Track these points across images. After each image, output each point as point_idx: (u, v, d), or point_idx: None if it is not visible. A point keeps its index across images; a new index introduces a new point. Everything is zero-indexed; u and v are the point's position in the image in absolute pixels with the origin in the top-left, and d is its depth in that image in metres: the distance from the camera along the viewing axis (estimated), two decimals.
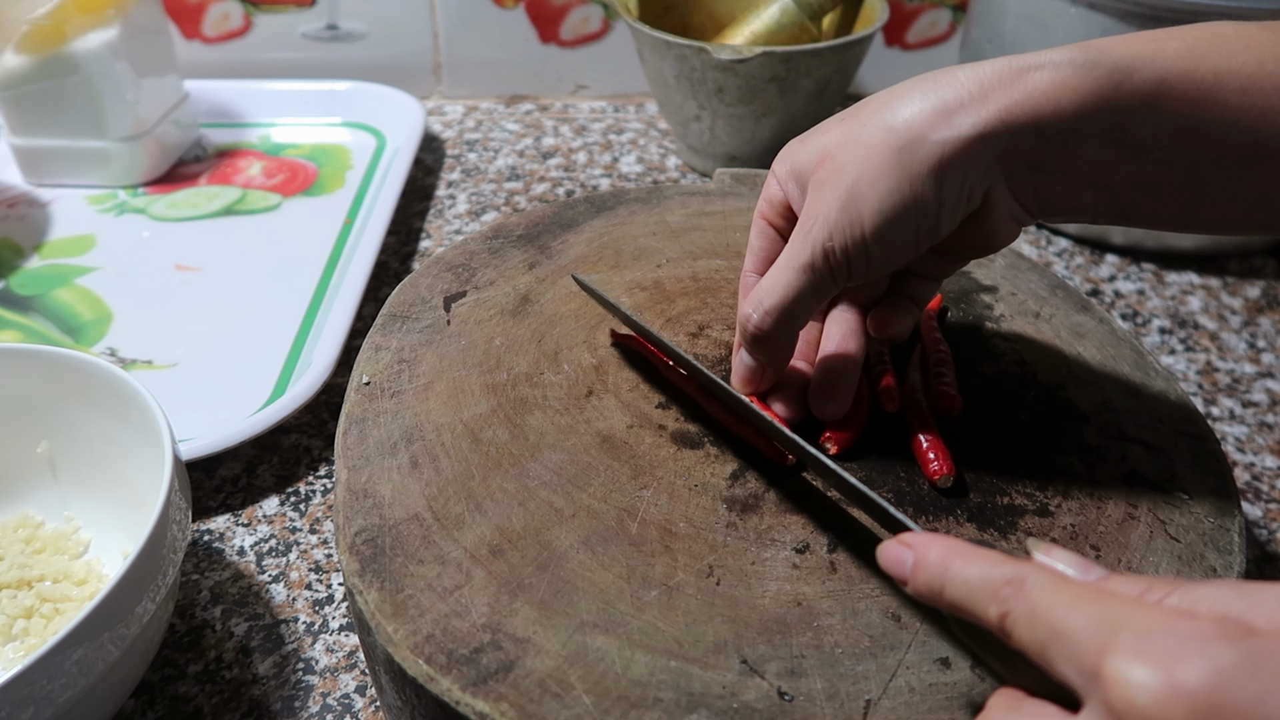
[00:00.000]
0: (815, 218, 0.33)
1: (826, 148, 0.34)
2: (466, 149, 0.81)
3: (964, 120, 0.31)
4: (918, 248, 0.34)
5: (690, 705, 0.28)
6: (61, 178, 0.72)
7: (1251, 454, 0.53)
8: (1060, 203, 0.34)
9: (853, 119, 0.34)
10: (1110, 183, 0.33)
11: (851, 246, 0.33)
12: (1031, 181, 0.33)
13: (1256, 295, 0.66)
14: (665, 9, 0.78)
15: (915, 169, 0.32)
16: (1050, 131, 0.31)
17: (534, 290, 0.46)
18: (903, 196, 0.32)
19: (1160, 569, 0.33)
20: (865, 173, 0.32)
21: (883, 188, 0.32)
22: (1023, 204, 0.34)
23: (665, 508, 0.35)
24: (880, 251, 0.33)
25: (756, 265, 0.39)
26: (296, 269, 0.64)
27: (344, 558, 0.33)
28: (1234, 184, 0.32)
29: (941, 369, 0.40)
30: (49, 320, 0.60)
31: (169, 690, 0.40)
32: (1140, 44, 0.31)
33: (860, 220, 0.33)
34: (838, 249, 0.33)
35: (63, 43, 0.67)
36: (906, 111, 0.32)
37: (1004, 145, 0.32)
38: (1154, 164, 0.32)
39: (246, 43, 0.87)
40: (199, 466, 0.50)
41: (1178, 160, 0.32)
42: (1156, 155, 0.32)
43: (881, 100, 0.33)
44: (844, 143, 0.33)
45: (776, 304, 0.35)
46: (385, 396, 0.39)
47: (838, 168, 0.33)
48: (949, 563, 0.26)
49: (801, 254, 0.34)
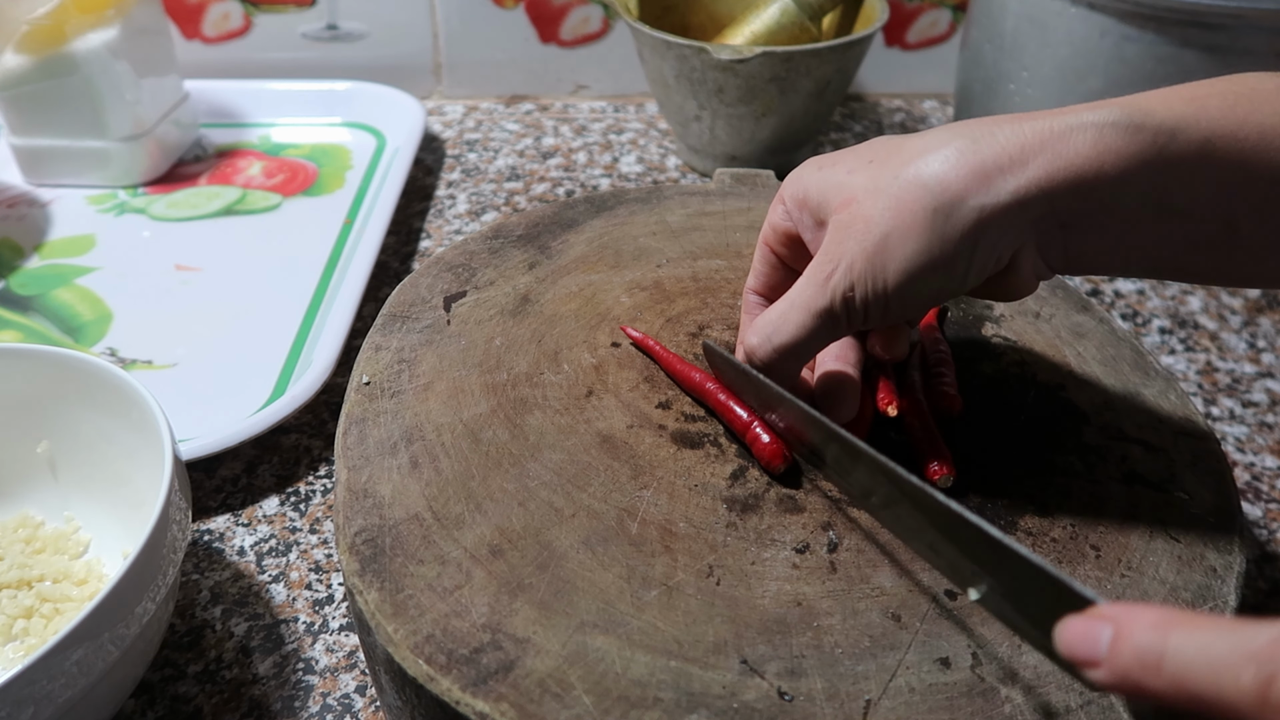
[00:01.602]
0: (837, 263, 0.33)
1: (851, 190, 0.33)
2: (466, 149, 0.81)
3: (1004, 186, 0.31)
4: (937, 302, 0.34)
5: (690, 705, 0.28)
6: (61, 178, 0.72)
7: (1251, 454, 0.53)
8: (1089, 260, 0.33)
9: (881, 164, 0.33)
10: (1144, 242, 0.32)
11: (873, 299, 0.33)
12: (1063, 241, 0.32)
13: (1256, 295, 0.66)
14: (665, 9, 0.78)
15: (949, 232, 0.31)
16: (1090, 194, 0.30)
17: (534, 290, 0.46)
18: (933, 258, 0.32)
19: (1160, 569, 0.33)
20: (896, 228, 0.32)
21: (913, 247, 0.31)
22: (1049, 262, 0.33)
23: (665, 508, 0.35)
24: (900, 306, 0.33)
25: (760, 286, 0.39)
26: (296, 269, 0.64)
27: (344, 558, 0.33)
28: (1271, 235, 0.31)
29: (941, 369, 0.40)
30: (49, 320, 0.60)
31: (169, 690, 0.40)
32: (1182, 103, 0.30)
33: (886, 275, 0.32)
34: (858, 300, 0.33)
35: (63, 43, 0.67)
36: (942, 169, 0.31)
37: (1042, 210, 0.31)
38: (1193, 221, 0.31)
39: (246, 43, 0.87)
40: (199, 466, 0.50)
41: (1216, 216, 0.31)
42: (1196, 213, 0.31)
43: (914, 150, 0.32)
44: (872, 190, 0.32)
45: (786, 343, 0.35)
46: (385, 396, 0.39)
47: (865, 217, 0.32)
48: (1169, 630, 0.21)
49: (819, 299, 0.33)
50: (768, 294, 0.39)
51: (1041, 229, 0.32)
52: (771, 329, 0.35)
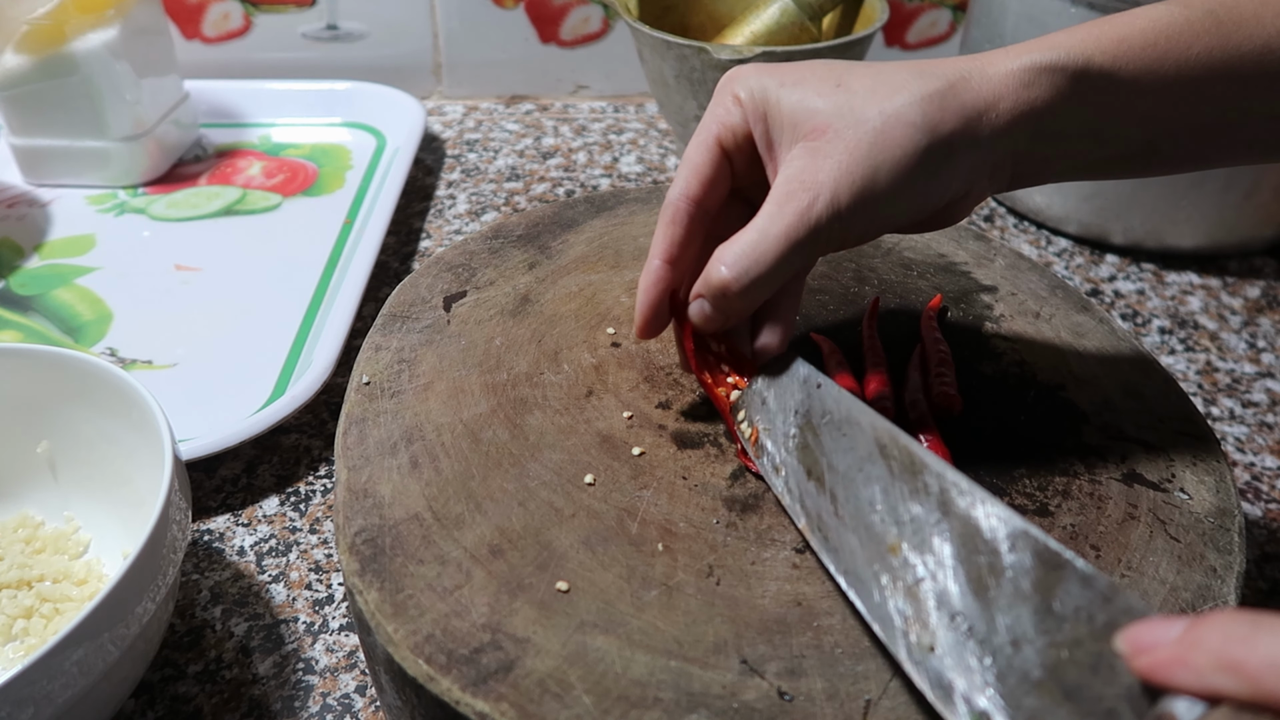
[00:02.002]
0: (816, 193, 0.33)
1: (824, 116, 0.33)
2: (466, 149, 0.81)
3: (983, 128, 0.33)
4: (907, 224, 0.35)
5: (690, 705, 0.28)
6: (61, 178, 0.72)
7: (1251, 454, 0.53)
8: (1025, 182, 0.36)
9: (851, 93, 0.33)
10: (1076, 163, 0.35)
11: (855, 229, 0.33)
12: (1011, 171, 0.35)
13: (1256, 295, 0.66)
14: (665, 9, 0.78)
15: (937, 170, 0.33)
16: (1044, 133, 0.33)
17: (534, 290, 0.46)
18: (917, 192, 0.33)
19: (1160, 569, 0.33)
20: (885, 163, 0.32)
21: (902, 182, 0.32)
22: (994, 188, 0.36)
23: (665, 508, 0.35)
24: (874, 235, 0.35)
25: (700, 191, 0.36)
26: (296, 269, 0.64)
27: (344, 558, 0.33)
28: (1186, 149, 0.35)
29: (941, 369, 0.40)
30: (49, 320, 0.60)
31: (169, 690, 0.40)
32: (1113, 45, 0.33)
33: (874, 207, 0.33)
34: (840, 229, 0.33)
35: (63, 43, 0.67)
36: (929, 110, 0.32)
37: (1008, 148, 0.34)
38: (1120, 144, 0.35)
39: (246, 43, 0.87)
40: (199, 466, 0.50)
41: (1141, 139, 0.35)
42: (1124, 139, 0.35)
43: (890, 85, 0.33)
44: (851, 121, 0.33)
45: (762, 274, 0.33)
46: (385, 396, 0.39)
47: (848, 148, 0.32)
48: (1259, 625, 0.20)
49: (798, 229, 0.33)
50: (705, 201, 0.36)
51: (998, 163, 0.34)
52: (749, 262, 0.33)
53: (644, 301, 0.37)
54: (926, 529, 0.29)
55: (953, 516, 0.29)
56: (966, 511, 0.28)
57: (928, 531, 0.29)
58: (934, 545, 0.29)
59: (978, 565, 0.27)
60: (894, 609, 0.29)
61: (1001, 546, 0.27)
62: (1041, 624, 0.25)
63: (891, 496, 0.30)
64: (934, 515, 0.29)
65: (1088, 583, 0.25)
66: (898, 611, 0.28)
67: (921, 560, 0.29)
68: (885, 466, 0.31)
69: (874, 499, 0.31)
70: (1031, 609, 0.26)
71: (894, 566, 0.29)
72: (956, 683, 0.26)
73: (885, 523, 0.30)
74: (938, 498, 0.29)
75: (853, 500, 0.32)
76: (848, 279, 0.47)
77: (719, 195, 0.37)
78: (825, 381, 0.35)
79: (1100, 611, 0.24)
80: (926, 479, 0.30)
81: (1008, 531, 0.27)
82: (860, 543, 0.31)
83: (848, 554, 0.31)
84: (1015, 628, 0.26)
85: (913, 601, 0.28)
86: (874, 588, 0.30)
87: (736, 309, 0.35)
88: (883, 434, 0.32)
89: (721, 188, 0.36)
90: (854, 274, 0.48)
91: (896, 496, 0.30)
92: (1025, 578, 0.26)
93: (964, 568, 0.28)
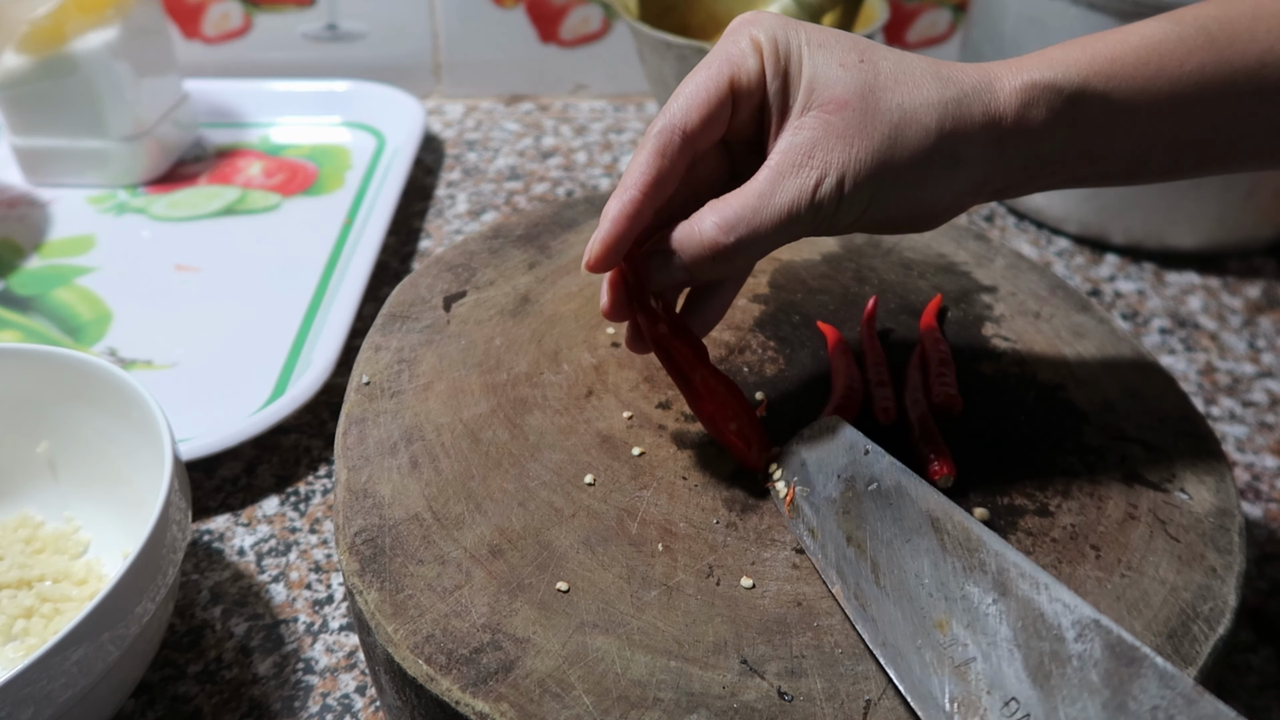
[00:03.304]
0: (826, 171, 0.32)
1: (845, 91, 0.32)
2: (466, 149, 0.81)
3: (997, 139, 0.33)
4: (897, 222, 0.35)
5: (690, 705, 0.28)
6: (61, 178, 0.72)
7: (1251, 454, 0.53)
8: (1012, 193, 0.35)
9: (875, 73, 0.32)
10: (1065, 177, 0.35)
11: (855, 217, 0.33)
12: (1003, 181, 0.34)
13: (1256, 295, 0.66)
14: (665, 9, 0.78)
15: (949, 176, 0.33)
16: (1038, 149, 0.33)
17: (534, 290, 0.46)
18: (924, 194, 0.33)
19: (1160, 569, 0.33)
20: (898, 160, 0.32)
21: (915, 184, 0.32)
22: (978, 202, 0.35)
23: (665, 508, 0.35)
24: (855, 227, 0.34)
25: (698, 125, 0.33)
26: (296, 269, 0.64)
27: (344, 558, 0.33)
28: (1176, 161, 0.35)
29: (941, 369, 0.40)
30: (49, 320, 0.60)
31: (169, 690, 0.40)
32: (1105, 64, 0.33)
33: (884, 201, 0.33)
34: (840, 213, 0.32)
35: (63, 43, 0.67)
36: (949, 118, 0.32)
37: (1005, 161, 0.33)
38: (1110, 160, 0.35)
39: (246, 43, 0.87)
40: (199, 466, 0.50)
41: (1132, 155, 0.35)
42: (1114, 155, 0.34)
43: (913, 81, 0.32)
44: (873, 107, 0.32)
45: (757, 241, 0.32)
46: (385, 396, 0.39)
47: (865, 135, 0.32)
48: None
49: (800, 203, 0.32)
50: (699, 139, 0.33)
51: (990, 178, 0.34)
52: (746, 227, 0.32)
53: (610, 233, 0.32)
54: (981, 608, 0.28)
55: (1011, 598, 0.27)
56: (1028, 595, 0.27)
57: (982, 611, 0.28)
58: (988, 625, 0.27)
59: (1038, 651, 0.26)
60: (938, 687, 0.27)
61: (1068, 634, 0.26)
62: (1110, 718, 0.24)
63: (942, 571, 0.29)
64: (990, 595, 0.28)
65: (1167, 682, 0.24)
66: (943, 690, 0.27)
67: (973, 639, 0.27)
68: (936, 540, 0.30)
69: (921, 572, 0.30)
70: (1100, 703, 0.24)
71: (940, 643, 0.28)
72: None
73: (933, 597, 0.29)
74: (995, 577, 0.28)
75: (896, 571, 0.30)
76: (848, 279, 0.47)
77: (713, 136, 0.34)
78: (874, 448, 0.34)
79: (1181, 714, 0.23)
80: (983, 556, 0.29)
81: (1074, 619, 0.26)
82: (903, 615, 0.29)
83: (887, 625, 0.29)
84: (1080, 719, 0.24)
85: (961, 682, 0.27)
86: (915, 663, 0.28)
87: (712, 273, 0.33)
88: (936, 507, 0.31)
89: (718, 129, 0.34)
90: (854, 274, 0.48)
91: (948, 572, 0.29)
92: (1093, 669, 0.25)
93: (1021, 652, 0.26)
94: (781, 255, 0.49)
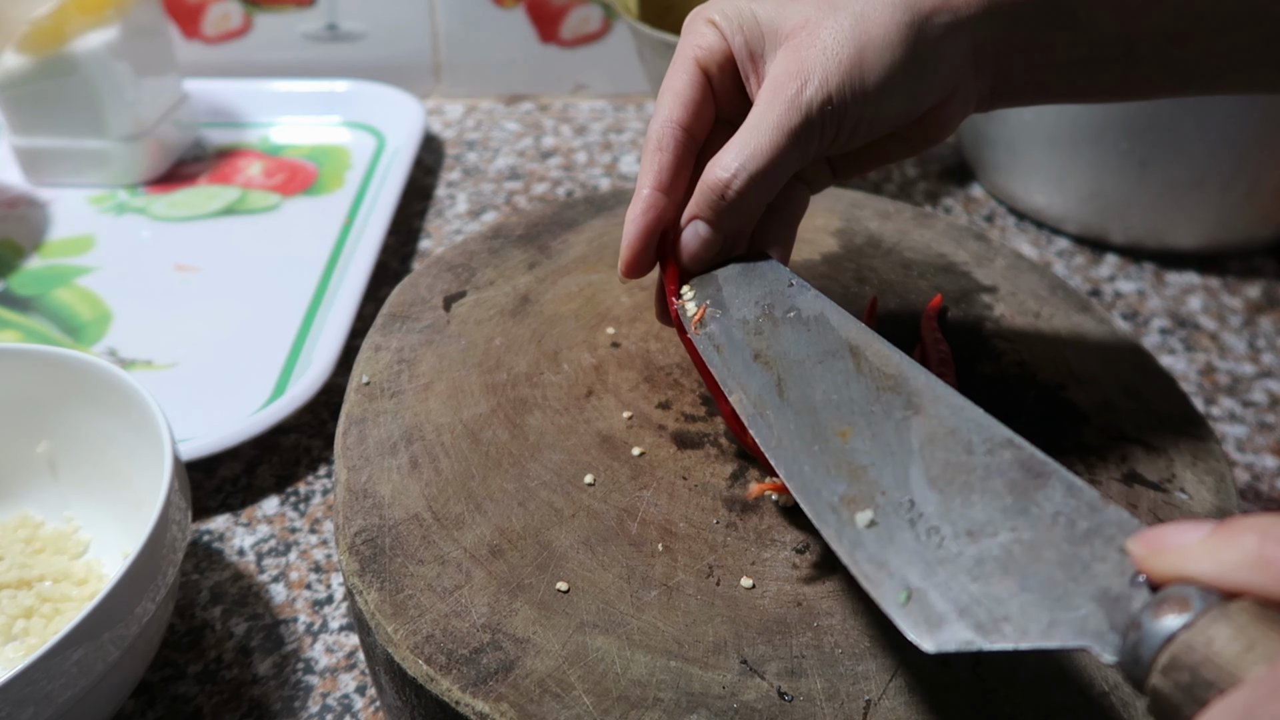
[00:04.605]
0: (806, 78, 0.32)
1: (802, 13, 0.33)
2: (466, 149, 0.81)
3: (960, 6, 0.32)
4: (902, 119, 0.34)
5: (690, 705, 0.28)
6: (61, 178, 0.72)
7: (1251, 454, 0.53)
8: (1010, 87, 0.35)
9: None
10: (1053, 61, 0.34)
11: (851, 110, 0.33)
12: (993, 66, 0.34)
13: (1256, 295, 0.66)
14: (665, 9, 0.78)
15: (922, 46, 0.32)
16: (1018, 19, 0.33)
17: (534, 290, 0.46)
18: (907, 69, 0.32)
19: None
20: (872, 42, 0.32)
21: (890, 58, 0.32)
22: (978, 94, 0.35)
23: (665, 508, 0.35)
24: (870, 122, 0.33)
25: (688, 117, 0.34)
26: (296, 269, 0.64)
27: (344, 558, 0.33)
28: (1163, 57, 0.34)
29: (941, 369, 0.40)
30: (49, 320, 0.60)
31: (169, 690, 0.40)
32: None
33: (866, 86, 0.32)
34: (835, 112, 0.32)
35: (63, 43, 0.67)
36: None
37: (985, 31, 0.33)
38: (1096, 44, 0.34)
39: (246, 43, 0.87)
40: (199, 466, 0.50)
41: (1117, 39, 0.34)
42: (1098, 34, 0.34)
43: None
44: (829, 9, 0.33)
45: (762, 167, 0.32)
46: (385, 396, 0.39)
47: (833, 33, 0.32)
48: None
49: (792, 116, 0.32)
50: (692, 126, 0.35)
51: (980, 55, 0.34)
52: (745, 157, 0.32)
53: (633, 232, 0.34)
54: (888, 421, 0.27)
55: (922, 415, 0.26)
56: (941, 414, 0.26)
57: (889, 423, 0.27)
58: (892, 436, 0.26)
59: (942, 460, 0.25)
60: (828, 486, 0.26)
61: (977, 448, 0.25)
62: (1009, 520, 0.24)
63: (853, 389, 0.28)
64: (900, 411, 0.27)
65: (1074, 492, 0.24)
66: (834, 490, 0.26)
67: (874, 446, 0.26)
68: (852, 363, 0.29)
69: (830, 390, 0.29)
70: (1000, 508, 0.24)
71: (839, 449, 0.27)
72: (891, 560, 0.24)
73: (839, 411, 0.28)
74: (908, 398, 0.27)
75: (803, 386, 0.29)
76: (848, 279, 0.47)
77: (705, 121, 0.35)
78: (800, 282, 0.33)
79: (1084, 519, 0.23)
80: (900, 380, 0.28)
81: (986, 436, 0.25)
82: (803, 424, 0.28)
83: (784, 431, 0.28)
84: (977, 519, 0.24)
85: (855, 483, 0.26)
86: (807, 463, 0.27)
87: (735, 220, 0.34)
88: (858, 336, 0.30)
89: (706, 112, 0.35)
90: (854, 274, 0.48)
91: (859, 390, 0.28)
92: (999, 478, 0.24)
93: (924, 460, 0.26)
94: None
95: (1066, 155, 0.67)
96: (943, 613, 0.23)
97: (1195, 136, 0.62)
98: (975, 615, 0.23)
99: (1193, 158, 0.63)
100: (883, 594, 0.24)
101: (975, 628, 0.22)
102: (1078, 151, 0.66)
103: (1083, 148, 0.66)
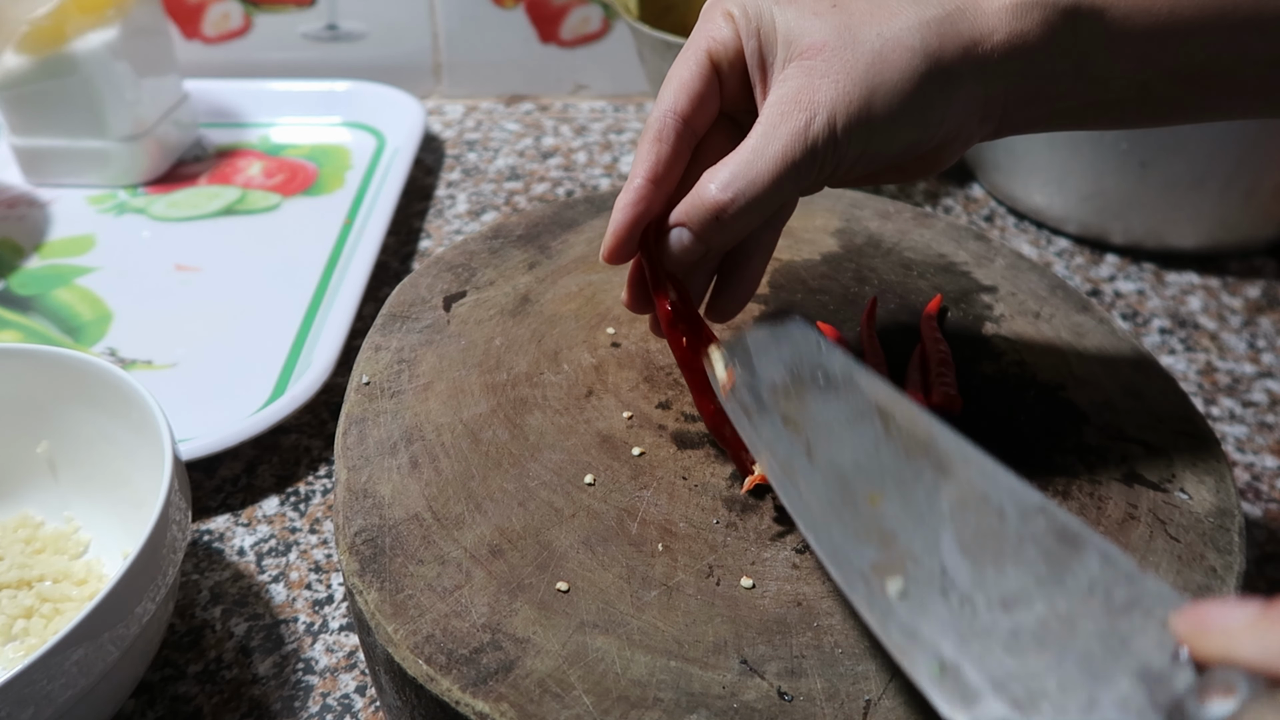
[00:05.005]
0: (814, 112, 0.32)
1: (821, 35, 0.32)
2: (466, 149, 0.81)
3: (980, 58, 0.32)
4: (902, 158, 0.34)
5: (690, 705, 0.28)
6: (61, 178, 0.72)
7: (1251, 454, 0.53)
8: (1014, 127, 0.35)
9: (849, 13, 0.33)
10: (1066, 106, 0.34)
11: (853, 152, 0.32)
12: (1002, 110, 0.34)
13: (1256, 295, 0.66)
14: (665, 9, 0.78)
15: (936, 97, 0.32)
16: (1034, 69, 0.33)
17: (534, 290, 0.46)
18: (914, 117, 0.32)
19: (1160, 569, 0.33)
20: (884, 85, 0.32)
21: (901, 106, 0.32)
22: (982, 130, 0.35)
23: (665, 508, 0.35)
24: (871, 161, 0.33)
25: (690, 107, 0.34)
26: (296, 269, 0.64)
27: (344, 558, 0.33)
28: (1178, 92, 0.34)
29: (941, 369, 0.40)
30: (49, 320, 0.60)
31: (169, 690, 0.40)
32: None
33: (871, 129, 0.32)
34: (837, 151, 0.32)
35: (63, 43, 0.67)
36: (930, 37, 0.32)
37: (1001, 83, 0.33)
38: (1111, 86, 0.34)
39: (246, 43, 0.87)
40: (199, 466, 0.50)
41: (1132, 80, 0.33)
42: (1114, 79, 0.33)
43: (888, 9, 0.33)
44: (849, 41, 0.32)
45: (758, 194, 0.32)
46: (385, 396, 0.39)
47: (847, 67, 0.32)
48: None
49: (795, 148, 0.32)
50: (694, 119, 0.34)
51: (989, 105, 0.33)
52: (744, 182, 0.32)
53: (620, 220, 0.34)
54: (919, 486, 0.26)
55: (953, 480, 0.26)
56: (972, 478, 0.26)
57: (919, 488, 0.26)
58: (924, 501, 0.26)
59: (974, 527, 0.25)
60: (858, 553, 0.26)
61: (1010, 514, 0.25)
62: (1044, 591, 0.23)
63: (882, 454, 0.28)
64: (930, 475, 0.27)
65: (1110, 561, 0.23)
66: (863, 556, 0.26)
67: (905, 512, 0.26)
68: (881, 426, 0.29)
69: (859, 453, 0.28)
70: (1034, 578, 0.24)
71: (868, 514, 0.27)
72: (923, 630, 0.24)
73: (868, 476, 0.28)
74: (939, 460, 0.27)
75: (832, 450, 0.29)
76: (848, 279, 0.47)
77: (708, 115, 0.35)
78: (828, 344, 0.32)
79: (1121, 589, 0.23)
80: (929, 443, 0.27)
81: (1019, 502, 0.25)
82: (833, 489, 0.28)
83: (813, 496, 0.28)
84: (1011, 589, 0.24)
85: (884, 550, 0.26)
86: (836, 530, 0.27)
87: (721, 238, 0.33)
88: (886, 399, 0.29)
89: (711, 106, 0.35)
90: (854, 274, 0.48)
91: (888, 454, 0.28)
92: (1032, 546, 0.24)
93: (955, 526, 0.25)
94: (781, 255, 0.49)
95: (1066, 155, 0.67)
96: (978, 687, 0.23)
97: (1195, 136, 0.62)
98: (1012, 691, 0.22)
99: (1193, 158, 0.63)
100: (915, 666, 0.24)
101: (1012, 704, 0.22)
102: (1078, 151, 0.66)
103: (1083, 148, 0.66)
